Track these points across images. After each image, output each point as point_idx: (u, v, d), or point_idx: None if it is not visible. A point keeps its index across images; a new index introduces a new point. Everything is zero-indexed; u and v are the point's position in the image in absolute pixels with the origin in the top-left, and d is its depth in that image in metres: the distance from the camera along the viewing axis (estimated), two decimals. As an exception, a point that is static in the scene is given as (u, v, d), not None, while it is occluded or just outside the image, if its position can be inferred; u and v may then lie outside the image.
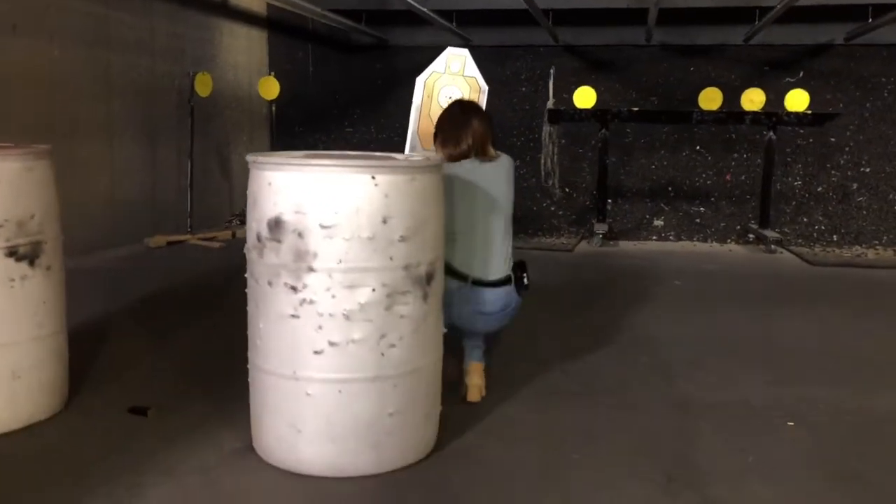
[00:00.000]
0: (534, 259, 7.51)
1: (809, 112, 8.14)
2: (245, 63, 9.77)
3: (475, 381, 3.61)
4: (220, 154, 9.17)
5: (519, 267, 3.65)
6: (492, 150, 3.64)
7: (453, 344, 3.65)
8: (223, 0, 9.19)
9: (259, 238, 2.83)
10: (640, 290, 6.09)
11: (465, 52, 7.98)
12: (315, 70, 11.60)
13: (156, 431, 3.23)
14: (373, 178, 2.74)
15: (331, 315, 2.76)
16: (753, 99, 8.20)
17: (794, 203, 9.04)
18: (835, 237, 8.48)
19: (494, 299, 3.54)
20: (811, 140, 9.74)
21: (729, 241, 8.50)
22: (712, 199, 9.21)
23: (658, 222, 8.92)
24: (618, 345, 4.58)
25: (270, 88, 8.73)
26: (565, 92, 10.04)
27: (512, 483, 2.85)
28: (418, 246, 2.85)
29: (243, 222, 9.11)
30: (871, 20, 9.68)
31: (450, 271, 3.35)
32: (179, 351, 4.34)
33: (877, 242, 8.33)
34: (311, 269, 2.74)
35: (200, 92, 7.94)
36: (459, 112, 3.71)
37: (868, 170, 9.38)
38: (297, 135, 10.79)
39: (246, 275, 2.93)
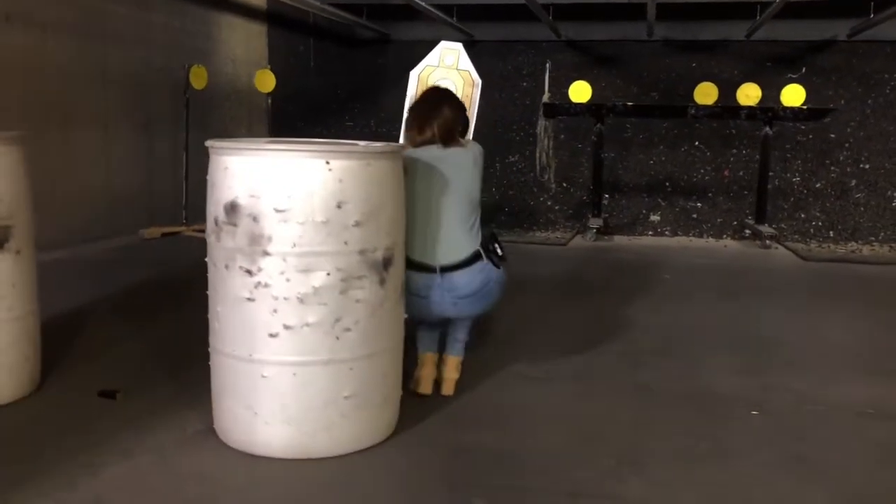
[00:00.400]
0: (527, 252, 7.59)
1: (805, 107, 8.10)
2: (244, 56, 9.83)
3: (451, 375, 3.56)
4: (219, 147, 9.23)
5: (490, 239, 3.54)
6: (460, 140, 3.55)
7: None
8: (223, -7, 9.26)
9: (216, 222, 2.87)
10: (626, 284, 6.10)
11: (459, 45, 7.98)
12: (316, 64, 11.65)
13: (122, 414, 3.28)
14: (327, 163, 2.78)
15: (285, 298, 2.80)
16: (749, 94, 8.18)
17: (791, 199, 9.00)
18: (831, 233, 8.45)
19: (469, 279, 3.42)
20: (811, 136, 9.69)
21: (725, 236, 8.49)
22: (710, 194, 9.19)
23: (654, 217, 8.91)
24: (592, 335, 4.60)
25: (266, 81, 8.78)
26: (566, 87, 10.05)
27: (463, 467, 2.88)
28: (374, 231, 2.88)
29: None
30: (872, 16, 9.63)
31: (413, 265, 3.32)
32: (157, 337, 4.40)
33: (873, 239, 8.30)
34: (265, 253, 2.78)
35: (195, 84, 8.00)
36: (431, 99, 3.65)
37: (867, 166, 9.33)
38: (298, 129, 10.84)
39: (206, 258, 2.98)
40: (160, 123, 8.12)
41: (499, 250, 3.53)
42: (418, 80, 8.03)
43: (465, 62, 7.97)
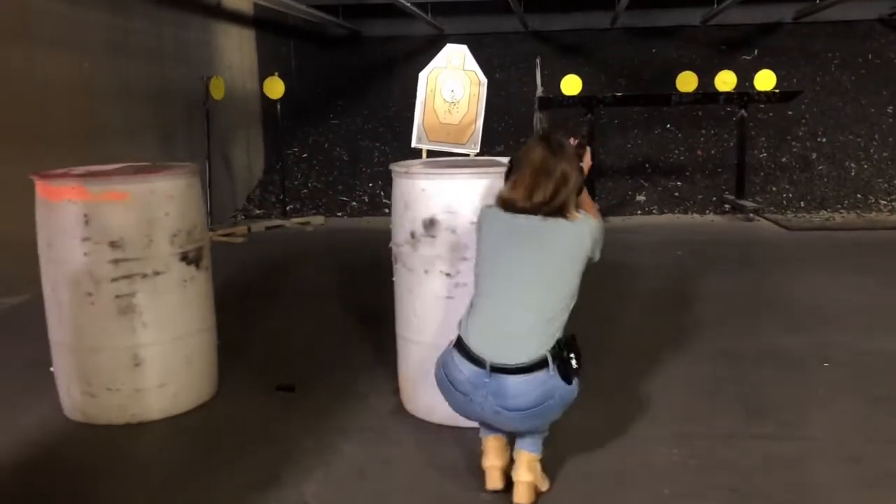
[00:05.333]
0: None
1: (777, 91, 8.93)
2: (238, 63, 10.14)
3: (523, 478, 2.81)
4: (223, 152, 9.57)
5: (565, 345, 2.72)
6: (575, 213, 2.79)
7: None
8: (217, 2, 9.55)
9: (413, 235, 3.40)
10: (646, 263, 6.73)
11: (464, 47, 8.53)
12: (297, 65, 12.01)
13: (307, 403, 3.76)
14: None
15: (478, 295, 3.35)
16: (726, 80, 8.97)
17: (762, 174, 9.86)
18: (802, 203, 9.32)
19: (524, 390, 2.66)
20: (771, 114, 10.59)
21: (708, 211, 9.27)
22: (687, 173, 9.97)
23: (640, 198, 9.64)
24: (644, 308, 5.21)
25: (275, 88, 9.14)
26: (533, 78, 10.68)
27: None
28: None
29: (247, 216, 9.59)
30: (818, 1, 10.57)
31: (460, 348, 2.76)
32: (288, 335, 4.91)
33: (839, 206, 9.20)
34: (463, 259, 3.32)
35: (215, 95, 8.34)
36: (546, 155, 2.79)
37: (824, 140, 10.27)
38: (287, 129, 11.20)
39: (397, 265, 3.50)
40: (177, 133, 8.43)
41: (574, 361, 2.71)
42: (427, 81, 8.56)
43: (471, 63, 8.51)
